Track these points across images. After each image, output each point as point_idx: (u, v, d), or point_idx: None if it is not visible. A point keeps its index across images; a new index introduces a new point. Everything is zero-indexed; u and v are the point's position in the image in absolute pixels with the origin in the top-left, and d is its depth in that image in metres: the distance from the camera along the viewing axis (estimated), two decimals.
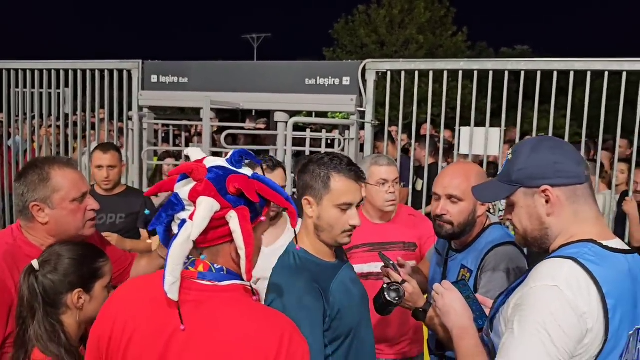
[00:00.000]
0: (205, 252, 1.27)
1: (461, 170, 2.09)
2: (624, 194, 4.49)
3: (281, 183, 2.49)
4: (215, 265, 1.27)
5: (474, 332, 1.56)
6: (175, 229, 1.27)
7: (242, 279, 1.28)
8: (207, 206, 1.20)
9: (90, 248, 1.73)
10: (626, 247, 1.45)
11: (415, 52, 27.12)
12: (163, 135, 5.82)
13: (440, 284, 1.71)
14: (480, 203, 1.98)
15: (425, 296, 2.16)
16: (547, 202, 1.44)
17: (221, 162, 1.30)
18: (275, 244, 2.54)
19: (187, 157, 1.35)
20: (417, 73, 4.49)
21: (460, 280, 1.89)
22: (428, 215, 3.00)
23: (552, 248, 1.46)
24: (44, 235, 1.84)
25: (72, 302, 1.60)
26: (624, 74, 3.94)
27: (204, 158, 1.31)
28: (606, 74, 3.97)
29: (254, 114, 7.15)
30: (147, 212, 3.57)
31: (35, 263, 1.65)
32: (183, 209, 1.25)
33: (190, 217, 1.22)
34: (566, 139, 4.16)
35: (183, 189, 1.26)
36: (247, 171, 1.31)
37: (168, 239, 1.27)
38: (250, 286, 1.31)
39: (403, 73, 4.53)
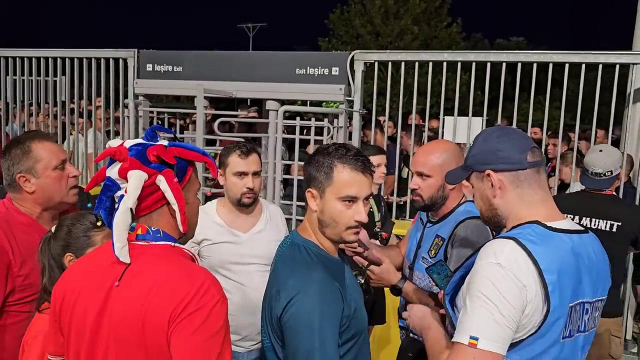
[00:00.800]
0: (145, 218, 1.46)
1: (430, 149, 2.28)
2: None
3: (256, 168, 2.64)
4: (152, 228, 1.46)
5: (436, 326, 1.71)
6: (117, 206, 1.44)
7: (179, 242, 1.50)
8: (136, 177, 1.39)
9: (85, 219, 1.89)
10: (575, 227, 1.59)
11: (410, 43, 27.21)
12: (158, 123, 5.97)
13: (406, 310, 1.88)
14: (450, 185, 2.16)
15: (400, 273, 2.33)
16: (492, 185, 1.59)
17: (139, 140, 1.49)
18: (253, 229, 2.69)
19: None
20: (403, 64, 4.67)
21: (438, 262, 2.05)
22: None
23: (506, 230, 1.61)
24: (32, 204, 2.04)
25: (67, 263, 1.79)
26: (600, 66, 4.13)
27: (123, 142, 1.48)
28: (583, 66, 4.16)
29: (249, 103, 7.31)
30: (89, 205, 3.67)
31: (50, 231, 1.88)
32: (119, 188, 1.44)
33: (126, 192, 1.40)
34: (544, 128, 4.36)
35: (112, 171, 1.43)
36: (163, 142, 1.50)
37: (112, 219, 1.42)
38: (189, 251, 1.51)
39: (390, 64, 4.69)
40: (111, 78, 5.59)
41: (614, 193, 3.54)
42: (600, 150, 3.46)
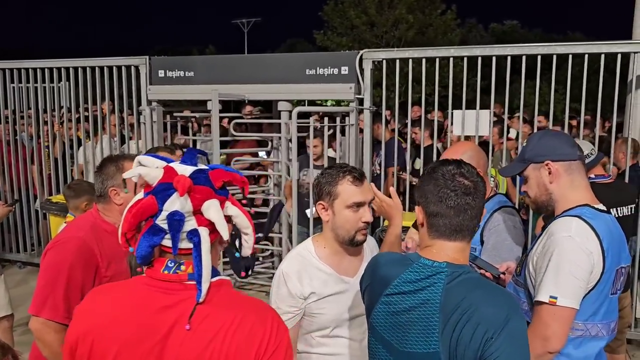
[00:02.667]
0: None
1: (455, 150, 2.50)
2: None
3: (371, 195, 2.11)
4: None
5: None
6: (185, 243, 1.29)
7: (221, 274, 1.37)
8: (215, 206, 1.29)
9: None
10: (605, 209, 1.98)
11: (405, 32, 27.28)
12: (173, 129, 6.11)
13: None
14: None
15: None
16: (549, 173, 1.96)
17: (187, 166, 1.35)
18: (359, 272, 2.07)
19: (139, 163, 1.38)
20: (410, 61, 4.81)
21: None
22: None
23: (557, 212, 1.97)
24: (118, 215, 2.24)
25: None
26: (602, 56, 4.26)
27: (169, 168, 1.33)
28: (586, 56, 4.29)
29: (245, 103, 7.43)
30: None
31: None
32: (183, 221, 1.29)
33: (201, 224, 1.29)
34: (551, 112, 4.51)
35: (177, 204, 1.28)
36: (204, 166, 1.39)
37: (151, 255, 1.31)
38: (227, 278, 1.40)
39: (398, 61, 4.83)
40: (124, 85, 5.73)
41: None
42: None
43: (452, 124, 4.88)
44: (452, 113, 4.79)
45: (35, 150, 6.32)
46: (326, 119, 4.97)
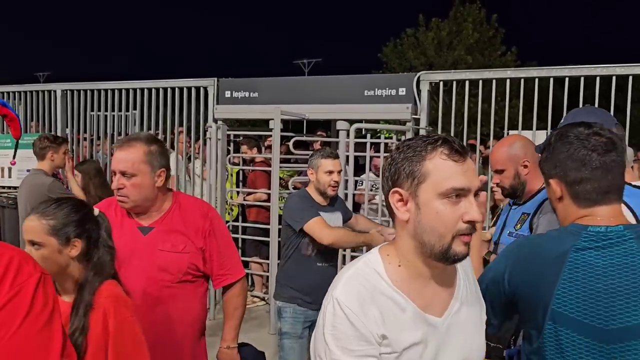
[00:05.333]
0: None
1: (498, 146, 2.55)
2: None
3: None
4: None
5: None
6: None
7: None
8: None
9: None
10: None
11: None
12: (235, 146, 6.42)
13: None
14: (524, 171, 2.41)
15: None
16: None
17: None
18: (451, 308, 1.39)
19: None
20: (467, 83, 4.92)
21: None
22: None
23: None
24: None
25: None
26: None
27: None
28: None
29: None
30: None
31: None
32: None
33: None
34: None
35: None
36: None
37: None
38: None
39: (454, 83, 4.95)
40: (192, 105, 6.11)
41: None
42: None
43: None
44: (507, 133, 4.83)
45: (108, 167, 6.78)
46: (382, 137, 5.12)
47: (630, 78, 4.32)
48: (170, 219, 2.25)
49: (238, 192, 6.30)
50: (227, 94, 5.85)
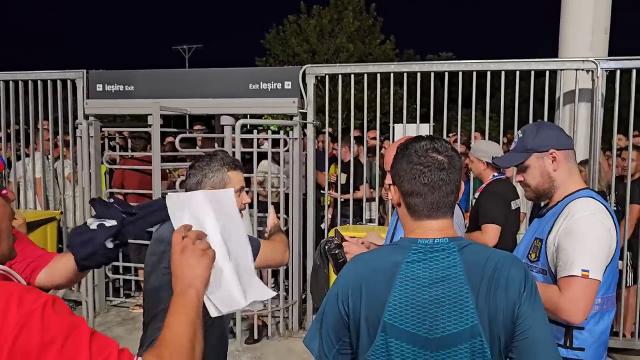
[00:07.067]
0: None
1: (394, 147, 2.51)
2: None
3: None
4: None
5: None
6: None
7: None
8: None
9: None
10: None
11: (346, 60, 27.88)
12: (110, 143, 5.94)
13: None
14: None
15: None
16: (553, 161, 2.05)
17: None
18: None
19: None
20: (352, 76, 4.91)
21: None
22: None
23: (556, 198, 2.08)
24: None
25: None
26: (532, 72, 4.51)
27: None
28: (517, 73, 4.53)
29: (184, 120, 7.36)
30: None
31: None
32: None
33: None
34: (486, 136, 4.70)
35: None
36: None
37: None
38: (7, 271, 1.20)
39: (340, 76, 4.92)
40: (59, 100, 5.53)
41: None
42: None
43: (393, 138, 4.99)
44: (393, 127, 4.91)
45: None
46: (269, 132, 4.97)
47: (503, 73, 4.54)
48: None
49: (111, 194, 5.84)
50: (99, 87, 5.36)
